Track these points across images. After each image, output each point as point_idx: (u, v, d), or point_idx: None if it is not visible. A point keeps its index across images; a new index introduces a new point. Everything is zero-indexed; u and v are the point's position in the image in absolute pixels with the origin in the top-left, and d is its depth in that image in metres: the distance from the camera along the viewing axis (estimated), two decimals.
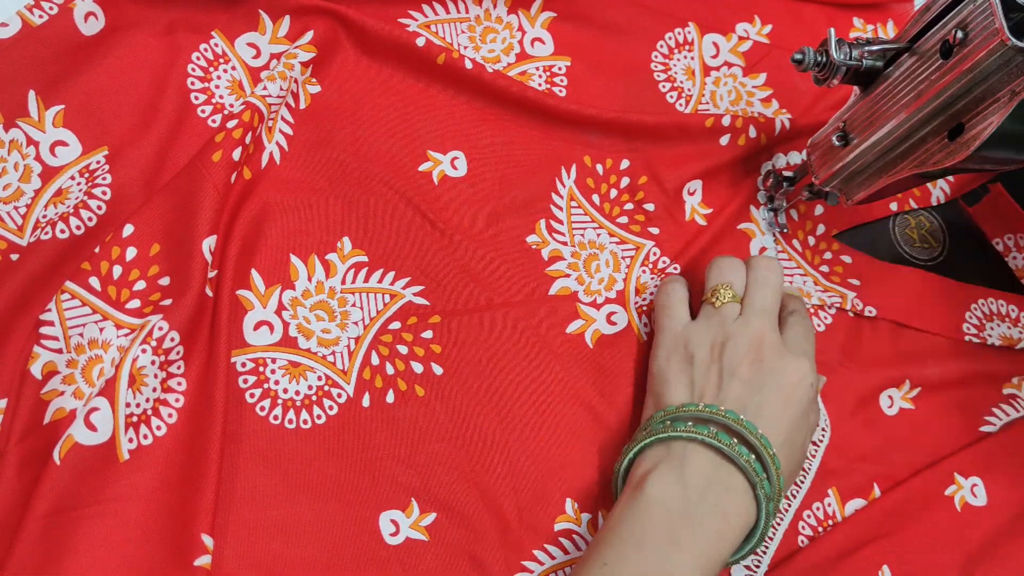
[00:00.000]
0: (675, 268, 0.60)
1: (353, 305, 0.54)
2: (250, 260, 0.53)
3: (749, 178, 0.64)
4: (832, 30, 0.47)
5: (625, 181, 0.61)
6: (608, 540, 0.45)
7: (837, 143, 0.51)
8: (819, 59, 0.47)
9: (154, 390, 0.47)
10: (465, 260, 0.57)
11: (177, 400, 0.48)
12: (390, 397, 0.53)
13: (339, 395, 0.53)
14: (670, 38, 0.66)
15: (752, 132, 0.62)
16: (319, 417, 0.52)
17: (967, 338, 0.63)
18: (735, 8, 0.70)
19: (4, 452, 0.44)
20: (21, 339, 0.48)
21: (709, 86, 0.66)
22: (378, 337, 0.54)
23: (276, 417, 0.51)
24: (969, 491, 0.59)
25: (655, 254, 0.60)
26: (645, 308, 0.59)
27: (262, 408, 0.51)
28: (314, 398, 0.52)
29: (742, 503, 0.46)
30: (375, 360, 0.54)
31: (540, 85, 0.62)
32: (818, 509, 0.57)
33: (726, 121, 0.61)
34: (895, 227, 0.66)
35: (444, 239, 0.57)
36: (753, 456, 0.46)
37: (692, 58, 0.66)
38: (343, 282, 0.55)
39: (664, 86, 0.65)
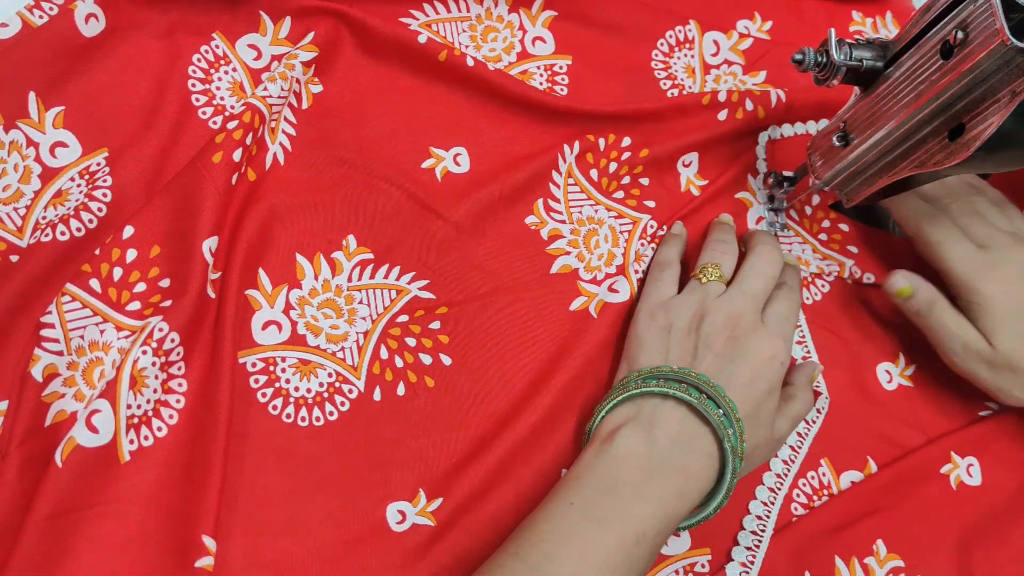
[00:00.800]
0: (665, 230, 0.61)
1: (360, 302, 0.55)
2: (257, 260, 0.53)
3: (747, 150, 0.64)
4: (832, 30, 0.47)
5: (627, 155, 0.61)
6: (575, 484, 0.47)
7: (837, 143, 0.52)
8: (819, 59, 0.47)
9: (155, 391, 0.47)
10: (468, 249, 0.57)
11: (178, 401, 0.48)
12: (400, 389, 0.53)
13: (350, 391, 0.53)
14: (671, 36, 0.66)
15: (749, 105, 0.62)
16: (331, 414, 0.52)
17: None
18: (735, 5, 0.70)
19: (5, 455, 0.44)
20: (21, 341, 0.48)
21: (709, 83, 0.66)
22: (386, 331, 0.55)
23: (288, 415, 0.51)
24: (965, 471, 0.59)
25: (652, 227, 0.61)
26: (644, 278, 0.60)
27: (274, 407, 0.51)
28: (325, 395, 0.52)
29: (705, 465, 0.48)
30: (384, 354, 0.54)
31: (541, 84, 0.62)
32: (812, 478, 0.58)
33: (722, 97, 0.62)
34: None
35: (448, 229, 0.57)
36: (720, 411, 0.48)
37: (692, 56, 0.66)
38: (349, 279, 0.55)
39: (665, 84, 0.65)
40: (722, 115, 0.62)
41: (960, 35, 0.41)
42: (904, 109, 0.45)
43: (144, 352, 0.46)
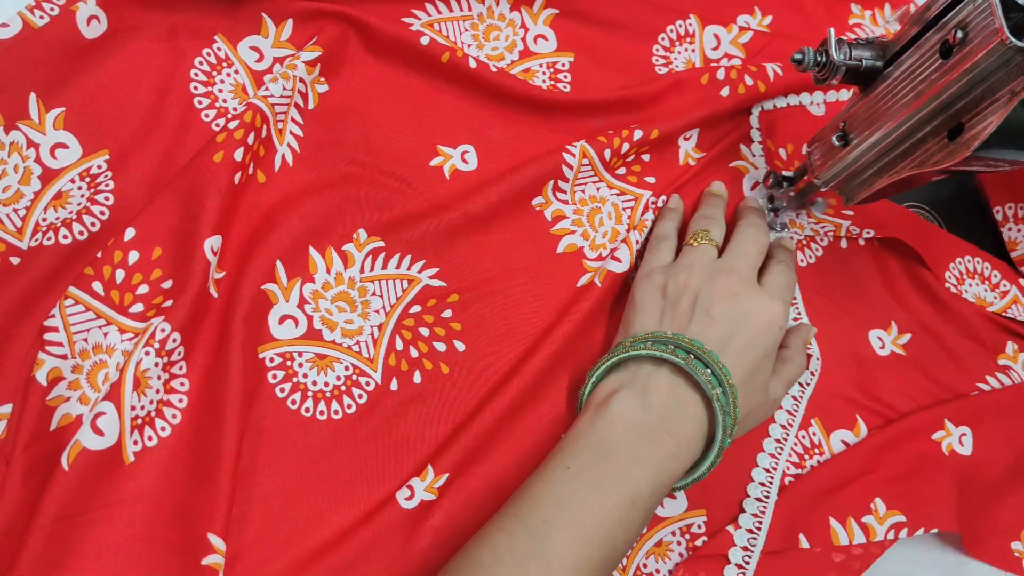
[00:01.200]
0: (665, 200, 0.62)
1: (373, 294, 0.55)
2: (271, 256, 0.54)
3: (742, 123, 0.65)
4: (832, 30, 0.46)
5: (638, 134, 0.60)
6: (572, 449, 0.48)
7: (837, 143, 0.51)
8: (819, 59, 0.47)
9: (157, 392, 0.47)
10: (476, 235, 0.58)
11: (180, 400, 0.48)
12: (417, 378, 0.54)
13: (367, 383, 0.53)
14: (671, 31, 0.66)
15: (748, 80, 0.62)
16: (349, 407, 0.53)
17: (945, 285, 0.64)
18: (736, 0, 0.70)
19: (10, 459, 0.45)
20: (24, 344, 0.48)
21: None
22: (400, 322, 0.55)
23: (308, 409, 0.52)
24: (957, 440, 0.60)
25: (653, 203, 0.62)
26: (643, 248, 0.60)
27: (293, 402, 0.52)
28: (343, 388, 0.53)
29: (696, 430, 0.49)
30: (399, 345, 0.55)
31: (544, 82, 0.62)
32: (804, 438, 0.58)
33: (720, 75, 0.62)
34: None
35: (456, 217, 0.57)
36: (709, 371, 0.49)
37: (693, 50, 0.66)
38: (361, 270, 0.55)
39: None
40: (724, 91, 0.62)
41: (960, 34, 0.41)
42: (904, 109, 0.45)
43: (147, 353, 0.47)
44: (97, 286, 0.48)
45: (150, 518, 0.45)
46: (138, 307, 0.49)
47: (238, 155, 0.52)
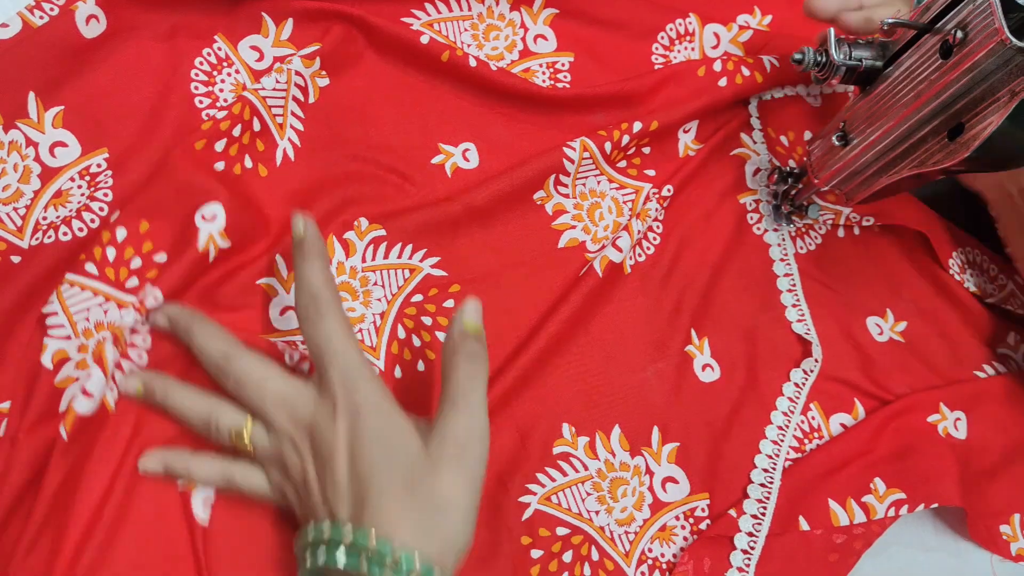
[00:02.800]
0: (668, 190, 0.62)
1: (375, 284, 0.55)
2: (271, 251, 0.53)
3: (740, 113, 0.66)
4: (832, 30, 0.47)
5: (638, 126, 0.61)
6: None
7: (837, 143, 0.52)
8: (819, 59, 0.47)
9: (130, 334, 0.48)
10: (478, 228, 0.58)
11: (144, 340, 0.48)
12: (420, 367, 0.54)
13: None
14: (671, 29, 0.66)
15: (745, 71, 0.63)
16: None
17: (950, 272, 0.65)
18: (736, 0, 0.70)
19: (14, 441, 0.44)
20: (24, 343, 0.48)
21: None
22: (402, 311, 0.55)
23: None
24: (952, 424, 0.60)
25: (655, 193, 0.62)
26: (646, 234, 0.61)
27: None
28: None
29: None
30: (401, 334, 0.55)
31: (544, 82, 0.62)
32: (803, 422, 0.59)
33: (717, 67, 0.63)
34: None
35: (458, 210, 0.57)
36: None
37: (693, 49, 0.66)
38: (363, 259, 0.55)
39: None
40: (722, 82, 0.63)
41: (960, 35, 0.41)
42: (904, 109, 0.45)
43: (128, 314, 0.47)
44: (90, 267, 0.48)
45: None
46: (133, 281, 0.48)
47: (219, 146, 0.52)
